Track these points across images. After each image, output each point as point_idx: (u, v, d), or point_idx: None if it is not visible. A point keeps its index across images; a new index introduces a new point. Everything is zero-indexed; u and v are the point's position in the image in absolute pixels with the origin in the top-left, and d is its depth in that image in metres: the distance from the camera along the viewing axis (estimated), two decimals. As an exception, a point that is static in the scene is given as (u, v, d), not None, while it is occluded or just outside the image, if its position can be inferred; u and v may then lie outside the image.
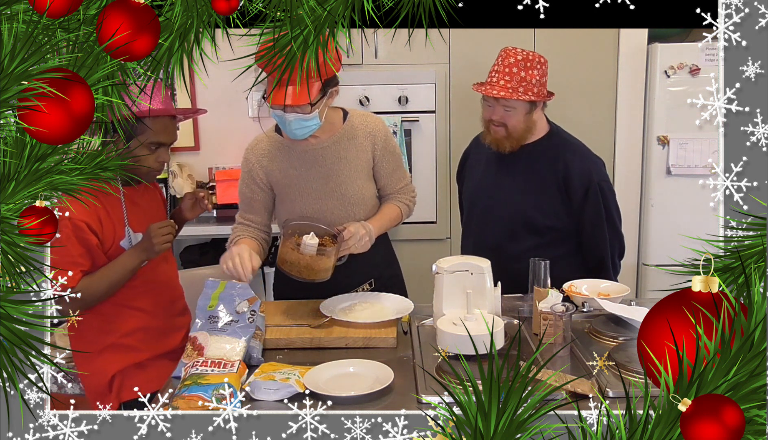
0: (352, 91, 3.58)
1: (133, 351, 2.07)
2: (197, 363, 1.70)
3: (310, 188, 2.24)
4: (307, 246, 2.05)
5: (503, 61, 2.33)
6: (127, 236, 2.01)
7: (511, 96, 2.29)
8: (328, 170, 2.24)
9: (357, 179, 2.26)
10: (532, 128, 2.40)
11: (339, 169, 2.24)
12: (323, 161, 2.24)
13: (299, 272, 2.07)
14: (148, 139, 1.96)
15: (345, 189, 2.25)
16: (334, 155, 2.24)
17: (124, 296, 2.04)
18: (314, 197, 2.25)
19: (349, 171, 2.25)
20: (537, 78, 2.32)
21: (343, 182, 2.24)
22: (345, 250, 2.13)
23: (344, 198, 2.25)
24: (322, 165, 2.24)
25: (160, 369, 2.01)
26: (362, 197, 2.27)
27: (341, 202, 2.25)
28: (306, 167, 2.24)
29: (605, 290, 2.21)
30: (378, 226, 2.23)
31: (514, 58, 2.31)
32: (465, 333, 1.73)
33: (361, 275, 2.30)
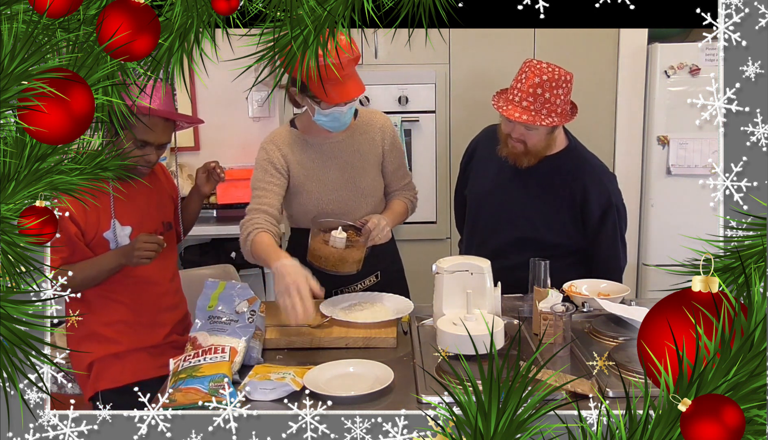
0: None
1: (111, 342, 2.09)
2: (189, 357, 1.70)
3: (327, 179, 2.30)
4: (337, 240, 2.10)
5: (527, 79, 2.17)
6: (112, 228, 2.02)
7: (533, 121, 2.16)
8: (344, 163, 2.30)
9: (370, 171, 2.33)
10: (552, 144, 2.33)
11: (354, 161, 2.31)
12: (340, 154, 2.30)
13: (333, 266, 2.12)
14: (137, 135, 1.97)
15: (359, 181, 2.31)
16: (349, 148, 2.31)
17: (107, 287, 2.06)
18: (330, 188, 2.30)
19: (363, 164, 2.32)
20: (562, 97, 2.18)
21: (358, 174, 2.31)
22: (370, 241, 2.18)
23: (358, 190, 2.31)
24: (339, 158, 2.30)
25: (138, 362, 2.05)
26: (374, 189, 2.34)
27: (355, 193, 2.31)
28: (323, 159, 2.29)
29: (605, 290, 2.21)
30: (391, 220, 2.29)
31: (539, 78, 2.15)
32: (465, 333, 1.73)
33: (368, 267, 2.31)
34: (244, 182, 3.68)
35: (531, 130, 2.24)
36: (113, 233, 2.03)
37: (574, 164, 2.35)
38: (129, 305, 2.11)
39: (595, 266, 2.38)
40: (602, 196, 2.32)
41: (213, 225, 3.74)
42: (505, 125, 2.31)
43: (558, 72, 2.17)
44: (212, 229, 3.73)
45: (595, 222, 2.33)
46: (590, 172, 2.35)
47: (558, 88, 2.16)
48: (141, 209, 2.10)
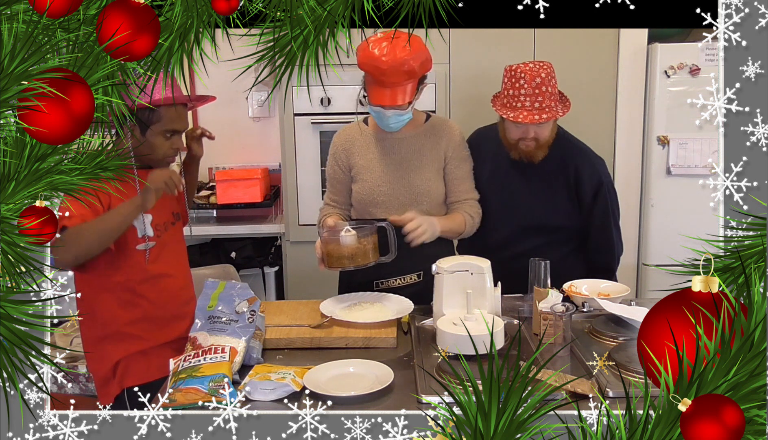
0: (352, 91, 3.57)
1: (136, 339, 2.10)
2: (189, 357, 1.70)
3: (381, 171, 2.38)
4: (346, 238, 2.18)
5: (529, 82, 2.26)
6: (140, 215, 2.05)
7: (552, 116, 2.30)
8: (401, 159, 2.38)
9: (426, 171, 2.38)
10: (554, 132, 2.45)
11: (411, 159, 2.38)
12: (399, 150, 2.39)
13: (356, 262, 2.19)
14: (163, 127, 2.02)
15: (412, 179, 2.37)
16: (409, 147, 2.39)
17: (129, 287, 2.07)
18: (384, 180, 2.37)
19: (420, 163, 2.38)
20: (556, 87, 2.33)
21: (413, 172, 2.37)
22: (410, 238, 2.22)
23: (411, 187, 2.36)
24: (397, 153, 2.39)
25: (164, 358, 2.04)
26: (428, 190, 2.38)
27: (408, 190, 2.36)
28: (383, 152, 2.40)
29: (605, 290, 2.21)
30: (443, 224, 2.33)
31: (540, 78, 2.26)
32: (465, 333, 1.73)
33: (412, 263, 2.35)
34: (244, 182, 3.69)
35: (542, 126, 2.34)
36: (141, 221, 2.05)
37: (565, 150, 2.47)
38: (153, 301, 2.12)
39: (592, 251, 2.50)
40: (593, 177, 2.45)
41: (213, 225, 3.74)
42: (514, 131, 2.39)
43: (544, 66, 2.31)
44: (212, 229, 3.73)
45: (588, 202, 2.45)
46: (580, 155, 2.49)
47: (551, 80, 2.30)
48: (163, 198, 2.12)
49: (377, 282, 2.40)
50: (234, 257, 3.71)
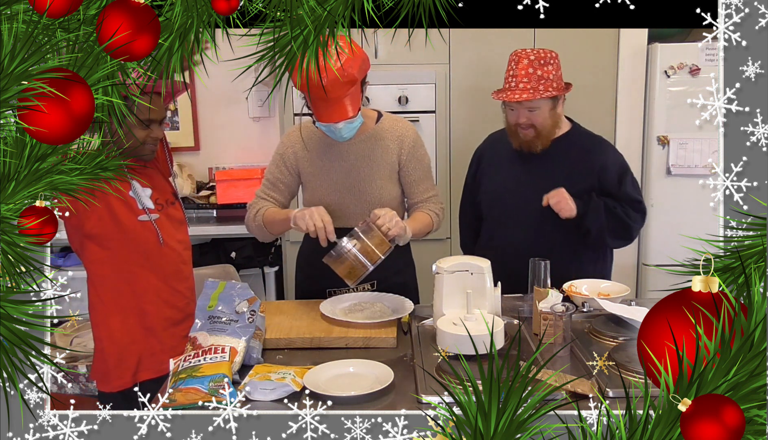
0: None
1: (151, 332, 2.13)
2: (189, 357, 1.70)
3: (330, 180, 2.32)
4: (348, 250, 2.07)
5: (517, 64, 2.31)
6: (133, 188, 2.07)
7: (533, 96, 2.28)
8: (350, 166, 2.31)
9: (378, 178, 2.31)
10: (558, 121, 2.43)
11: (360, 166, 2.31)
12: (347, 157, 2.31)
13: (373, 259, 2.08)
14: (140, 117, 2.00)
15: (364, 186, 2.30)
16: (358, 153, 2.31)
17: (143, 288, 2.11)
18: (333, 189, 2.32)
19: (370, 170, 2.31)
20: (553, 73, 2.32)
21: (363, 180, 2.30)
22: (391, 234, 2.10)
23: (362, 195, 2.31)
24: (345, 160, 2.31)
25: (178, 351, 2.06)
26: (380, 196, 2.31)
27: (359, 199, 2.31)
28: (331, 159, 2.32)
29: (605, 290, 2.21)
30: (412, 226, 2.23)
31: (527, 60, 2.29)
32: (465, 333, 1.73)
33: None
34: (244, 182, 3.69)
35: (534, 110, 2.34)
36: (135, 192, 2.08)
37: (584, 139, 2.47)
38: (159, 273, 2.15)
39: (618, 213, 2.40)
40: (616, 164, 2.45)
41: (213, 225, 3.74)
42: (510, 115, 2.39)
43: (543, 52, 2.32)
44: (212, 229, 3.73)
45: (614, 186, 2.42)
46: (602, 143, 2.49)
47: (547, 65, 2.30)
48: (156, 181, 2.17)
49: (330, 291, 2.35)
50: (234, 257, 3.71)
